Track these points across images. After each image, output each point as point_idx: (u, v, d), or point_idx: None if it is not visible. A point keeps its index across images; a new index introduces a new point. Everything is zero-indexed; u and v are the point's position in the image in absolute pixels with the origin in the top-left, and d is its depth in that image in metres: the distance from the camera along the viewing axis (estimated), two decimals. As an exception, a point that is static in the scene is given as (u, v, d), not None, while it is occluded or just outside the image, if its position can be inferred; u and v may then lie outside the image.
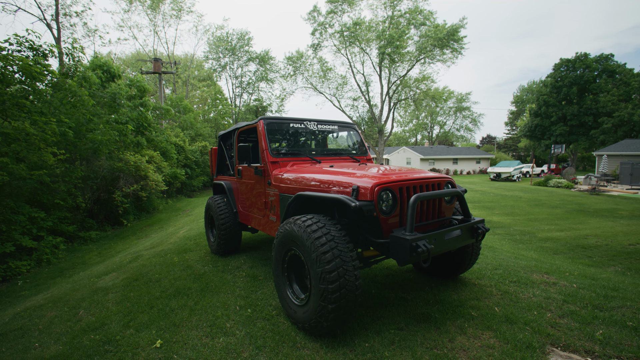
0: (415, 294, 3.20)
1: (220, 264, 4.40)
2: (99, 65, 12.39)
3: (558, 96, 34.12)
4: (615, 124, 29.62)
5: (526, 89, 56.59)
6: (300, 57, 31.12)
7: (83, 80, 10.56)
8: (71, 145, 9.73)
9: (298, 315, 2.56)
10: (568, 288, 3.55)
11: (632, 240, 8.95)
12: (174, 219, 13.44)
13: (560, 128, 33.25)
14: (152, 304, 3.28)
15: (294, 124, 4.02)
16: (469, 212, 2.96)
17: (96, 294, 3.91)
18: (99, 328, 2.90)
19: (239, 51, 36.93)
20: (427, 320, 2.66)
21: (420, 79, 30.64)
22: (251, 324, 2.72)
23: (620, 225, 10.83)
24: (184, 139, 19.89)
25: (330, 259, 2.27)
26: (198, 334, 2.62)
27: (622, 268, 6.90)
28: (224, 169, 5.41)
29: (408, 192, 2.66)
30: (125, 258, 6.16)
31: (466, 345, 2.34)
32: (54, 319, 3.35)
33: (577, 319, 2.75)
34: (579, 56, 33.45)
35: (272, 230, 3.57)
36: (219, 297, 3.29)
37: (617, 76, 32.21)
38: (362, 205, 2.35)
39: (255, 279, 3.73)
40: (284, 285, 2.79)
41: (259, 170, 3.67)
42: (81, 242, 10.51)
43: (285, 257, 2.77)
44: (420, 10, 25.74)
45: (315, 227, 2.44)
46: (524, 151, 54.93)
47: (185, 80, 32.66)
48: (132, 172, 11.29)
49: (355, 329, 2.56)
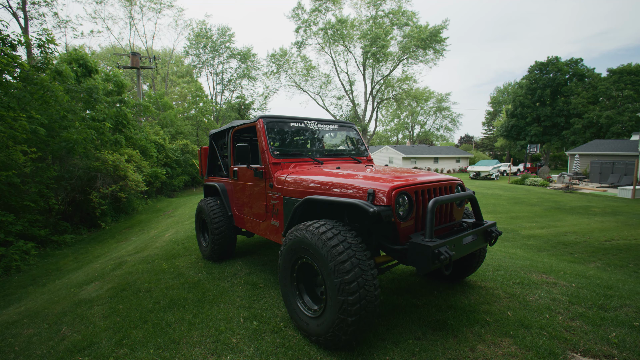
0: (425, 299, 3.12)
1: (215, 271, 4.16)
2: (75, 59, 11.62)
3: (533, 98, 35.58)
4: (584, 125, 31.23)
5: (502, 90, 58.72)
6: (284, 55, 30.76)
7: (56, 74, 9.84)
8: (42, 143, 9.06)
9: (311, 328, 2.41)
10: (569, 288, 3.59)
11: (607, 237, 9.37)
12: (155, 221, 12.87)
13: (535, 128, 34.69)
14: (145, 318, 3.01)
15: (295, 123, 3.85)
16: (481, 215, 2.91)
17: (79, 307, 3.58)
18: (87, 348, 2.62)
19: (220, 47, 36.07)
20: (443, 328, 2.58)
21: (402, 78, 31.05)
22: (259, 338, 2.53)
23: (595, 222, 11.34)
24: (164, 137, 19.13)
25: (349, 268, 2.13)
26: (202, 351, 2.41)
27: (602, 264, 7.18)
28: (215, 170, 5.15)
29: (422, 196, 2.56)
30: (107, 264, 5.76)
31: (488, 354, 2.27)
32: (32, 337, 3.01)
33: (588, 321, 2.75)
34: (551, 60, 35.01)
35: (274, 235, 3.39)
36: (219, 309, 3.07)
37: (586, 80, 33.96)
38: (380, 211, 2.22)
39: (255, 287, 3.53)
40: (293, 295, 2.63)
41: (259, 172, 3.47)
42: (55, 246, 9.83)
43: (294, 265, 2.60)
44: (404, 11, 26.02)
45: (331, 234, 2.29)
46: (500, 150, 56.97)
47: (164, 76, 31.47)
48: (111, 171, 10.68)
49: (371, 340, 2.44)
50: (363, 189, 2.45)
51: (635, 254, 7.74)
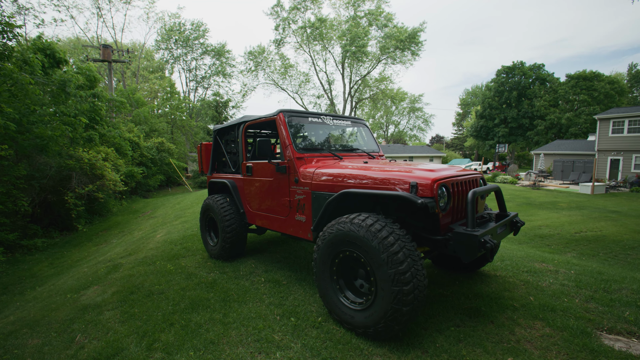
0: (450, 289, 3.22)
1: (228, 270, 4.03)
2: (41, 48, 10.69)
3: (500, 100, 37.69)
4: (547, 126, 33.55)
5: (471, 92, 61.63)
6: (262, 52, 30.32)
7: (23, 64, 9.02)
8: (10, 140, 8.29)
9: (357, 321, 2.41)
10: (570, 275, 3.85)
11: (576, 229, 10.15)
12: (134, 222, 12.21)
13: (502, 129, 36.77)
14: (170, 321, 2.86)
15: (313, 118, 3.82)
16: (505, 206, 3.05)
17: (86, 313, 3.33)
18: (116, 355, 2.45)
19: (193, 43, 34.86)
20: (478, 315, 2.68)
21: (379, 79, 31.69)
22: (302, 334, 2.50)
23: (564, 216, 12.23)
24: (139, 135, 18.17)
25: (403, 259, 2.16)
26: (247, 350, 2.33)
27: (577, 254, 7.78)
28: (219, 166, 4.99)
29: (456, 188, 2.65)
30: (98, 268, 5.39)
31: (527, 336, 2.39)
32: (43, 347, 2.76)
33: (600, 302, 2.98)
34: (517, 64, 37.26)
35: (299, 231, 3.34)
36: (248, 307, 2.98)
37: (547, 84, 36.50)
38: (427, 202, 2.27)
39: (278, 284, 3.47)
40: (333, 290, 2.61)
41: (282, 167, 3.41)
42: (24, 251, 9.05)
43: (334, 259, 2.59)
44: (381, 12, 26.56)
45: (379, 225, 2.31)
46: (469, 150, 59.81)
47: (134, 71, 29.89)
48: (87, 170, 9.97)
49: (414, 329, 2.49)
50: (405, 182, 2.49)
51: (603, 244, 8.46)
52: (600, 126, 21.87)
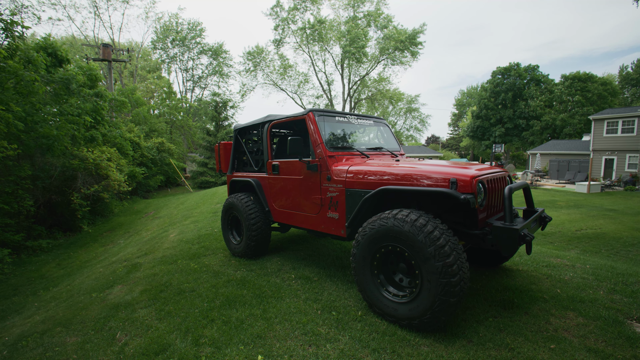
0: (479, 283, 3.32)
1: (255, 268, 4.08)
2: (43, 47, 10.58)
3: (496, 100, 38.18)
4: (542, 126, 34.08)
5: (466, 93, 62.25)
6: (261, 53, 30.30)
7: (27, 62, 8.93)
8: (16, 139, 8.21)
9: (400, 313, 2.49)
10: (586, 269, 3.98)
11: (577, 227, 10.36)
12: (137, 223, 12.14)
13: (498, 129, 37.25)
14: (209, 317, 2.91)
15: (340, 117, 3.89)
16: (533, 202, 3.16)
17: (119, 312, 3.35)
18: (164, 350, 2.49)
19: (190, 42, 34.71)
20: (513, 307, 2.78)
21: (378, 80, 31.88)
22: (347, 326, 2.57)
23: (563, 214, 12.47)
24: (139, 135, 18.05)
25: (449, 252, 2.25)
26: (296, 343, 2.39)
27: (580, 251, 7.97)
28: (240, 165, 5.03)
29: (490, 185, 2.75)
30: (115, 268, 5.39)
31: (563, 325, 2.49)
32: (84, 345, 2.79)
33: (623, 294, 3.10)
34: (512, 65, 37.79)
35: (332, 228, 3.40)
36: (286, 303, 3.04)
37: (542, 85, 37.07)
38: (469, 198, 2.36)
39: (310, 281, 3.53)
40: (374, 284, 2.69)
41: (313, 165, 3.47)
42: (29, 252, 8.97)
43: (375, 254, 2.66)
44: (380, 13, 26.75)
45: (423, 220, 2.39)
46: (465, 150, 60.41)
47: (132, 71, 29.65)
48: (92, 171, 9.90)
49: (454, 321, 2.57)
50: (444, 179, 2.57)
51: (604, 241, 8.67)
52: (595, 126, 22.31)
